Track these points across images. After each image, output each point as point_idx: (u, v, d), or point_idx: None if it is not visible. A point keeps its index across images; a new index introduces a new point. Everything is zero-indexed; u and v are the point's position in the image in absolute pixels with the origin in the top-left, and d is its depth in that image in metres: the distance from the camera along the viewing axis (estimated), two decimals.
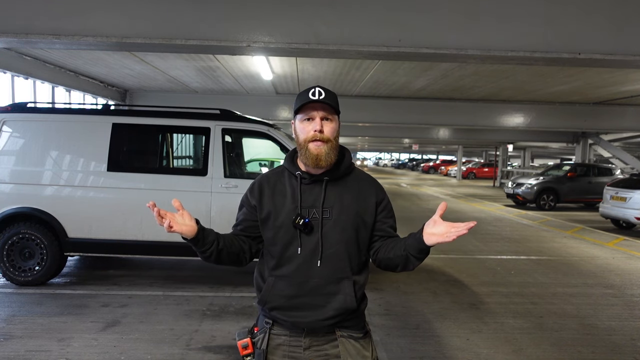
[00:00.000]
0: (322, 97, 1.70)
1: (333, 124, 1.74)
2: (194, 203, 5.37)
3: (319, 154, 1.70)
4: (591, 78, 10.28)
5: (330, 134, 1.72)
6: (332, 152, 1.72)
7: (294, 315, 1.73)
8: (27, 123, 5.51)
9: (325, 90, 1.73)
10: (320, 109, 1.72)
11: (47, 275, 5.39)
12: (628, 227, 11.17)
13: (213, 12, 4.62)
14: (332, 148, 1.72)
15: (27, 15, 4.56)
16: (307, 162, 1.72)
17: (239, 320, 4.51)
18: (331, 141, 1.72)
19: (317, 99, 1.70)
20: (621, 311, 5.13)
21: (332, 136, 1.73)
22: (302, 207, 1.73)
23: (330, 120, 1.73)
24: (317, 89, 1.73)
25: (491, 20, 4.73)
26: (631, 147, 24.02)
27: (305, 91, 1.74)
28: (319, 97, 1.70)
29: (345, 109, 13.02)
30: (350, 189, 1.79)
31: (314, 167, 1.72)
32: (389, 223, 1.84)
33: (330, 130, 1.73)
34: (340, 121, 1.80)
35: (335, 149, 1.73)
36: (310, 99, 1.70)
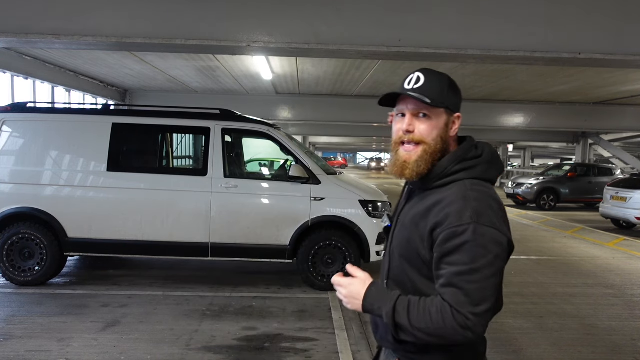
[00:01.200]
0: (417, 85, 1.33)
1: (431, 121, 1.34)
2: (194, 203, 5.37)
3: (406, 161, 1.35)
4: (591, 78, 10.28)
5: (425, 133, 1.33)
6: (424, 160, 1.33)
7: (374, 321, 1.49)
8: (27, 123, 5.51)
9: (427, 74, 1.35)
10: (411, 101, 1.34)
11: (47, 275, 5.39)
12: (628, 227, 11.16)
13: (213, 12, 4.62)
14: (426, 154, 1.33)
15: (27, 15, 4.56)
16: (391, 169, 1.40)
17: (239, 320, 4.51)
18: (425, 144, 1.33)
19: (409, 89, 1.34)
20: (621, 311, 5.13)
21: (429, 137, 1.33)
22: (395, 213, 1.51)
23: (427, 117, 1.34)
24: (416, 74, 1.35)
25: (491, 20, 4.73)
26: (631, 147, 24.01)
27: (406, 77, 1.39)
28: (414, 85, 1.34)
29: (345, 109, 12.98)
30: (423, 204, 1.35)
31: (399, 177, 1.38)
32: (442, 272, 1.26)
33: (425, 128, 1.34)
34: (452, 114, 1.37)
35: (431, 156, 1.33)
36: (401, 90, 1.36)
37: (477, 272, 1.21)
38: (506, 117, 14.62)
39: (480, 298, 1.21)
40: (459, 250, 1.22)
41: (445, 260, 1.25)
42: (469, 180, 1.32)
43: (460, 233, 1.22)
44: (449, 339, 1.24)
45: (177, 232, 5.36)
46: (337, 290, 1.39)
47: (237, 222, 5.38)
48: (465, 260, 1.22)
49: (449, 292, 1.23)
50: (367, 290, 1.33)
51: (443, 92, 1.34)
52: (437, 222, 1.27)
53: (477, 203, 1.26)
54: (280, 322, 4.50)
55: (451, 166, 1.33)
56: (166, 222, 5.36)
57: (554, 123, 14.82)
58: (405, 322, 1.25)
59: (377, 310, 1.31)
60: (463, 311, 1.20)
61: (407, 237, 1.36)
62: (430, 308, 1.24)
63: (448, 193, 1.30)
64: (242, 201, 5.44)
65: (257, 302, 5.05)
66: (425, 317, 1.24)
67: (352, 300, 1.35)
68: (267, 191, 5.62)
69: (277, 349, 3.90)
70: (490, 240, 1.24)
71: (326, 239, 5.39)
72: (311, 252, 5.39)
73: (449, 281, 1.23)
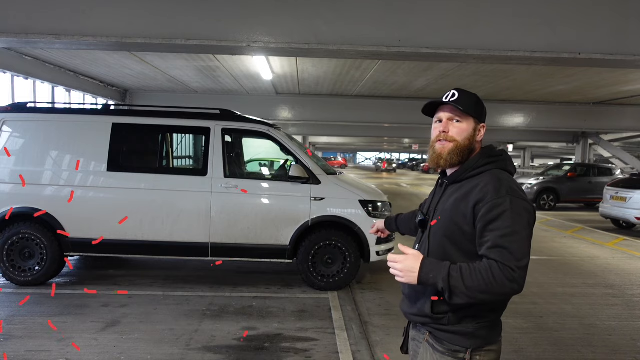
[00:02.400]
0: (453, 99, 1.70)
1: (462, 125, 1.71)
2: (194, 203, 5.37)
3: (440, 153, 1.71)
4: (591, 78, 10.28)
5: (457, 134, 1.70)
6: (455, 153, 1.69)
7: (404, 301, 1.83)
8: (27, 123, 5.51)
9: (460, 92, 1.72)
10: (448, 110, 1.72)
11: (47, 275, 5.39)
12: (628, 227, 11.16)
13: (213, 12, 4.62)
14: (456, 148, 1.69)
15: (27, 15, 4.56)
16: (429, 161, 1.78)
17: (239, 320, 4.51)
18: (457, 142, 1.69)
19: (446, 101, 1.70)
20: (621, 311, 5.13)
21: (460, 137, 1.70)
22: (430, 207, 1.80)
23: (459, 122, 1.71)
24: (452, 92, 1.73)
25: (491, 20, 4.73)
26: (631, 147, 24.01)
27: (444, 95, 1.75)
28: (450, 99, 1.70)
29: (345, 109, 12.98)
30: (461, 191, 1.68)
31: (435, 166, 1.75)
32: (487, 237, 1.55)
33: (457, 131, 1.70)
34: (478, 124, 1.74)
35: (461, 151, 1.69)
36: (440, 101, 1.73)
37: (517, 234, 1.52)
38: (506, 117, 14.62)
39: (522, 254, 1.52)
40: (500, 218, 1.53)
41: (489, 228, 1.53)
42: (496, 170, 1.67)
43: (500, 204, 1.54)
44: (499, 293, 1.50)
45: (177, 232, 5.36)
46: (392, 267, 1.58)
47: (237, 222, 5.38)
48: (507, 224, 1.52)
49: (495, 251, 1.50)
50: (422, 262, 1.54)
51: (472, 105, 1.71)
52: (478, 199, 1.58)
53: (508, 182, 1.61)
54: (280, 322, 4.50)
55: (482, 160, 1.69)
56: (166, 222, 5.36)
57: (554, 123, 14.82)
58: (459, 283, 1.49)
59: (432, 279, 1.52)
60: (510, 264, 1.48)
61: (450, 218, 1.64)
62: (480, 268, 1.49)
63: (482, 178, 1.63)
64: (242, 201, 5.44)
65: (257, 302, 5.05)
66: (477, 276, 1.48)
67: (408, 273, 1.54)
68: (267, 191, 5.62)
69: (277, 349, 3.90)
70: (523, 208, 1.56)
71: (326, 239, 5.40)
72: (311, 252, 5.39)
73: (495, 243, 1.51)
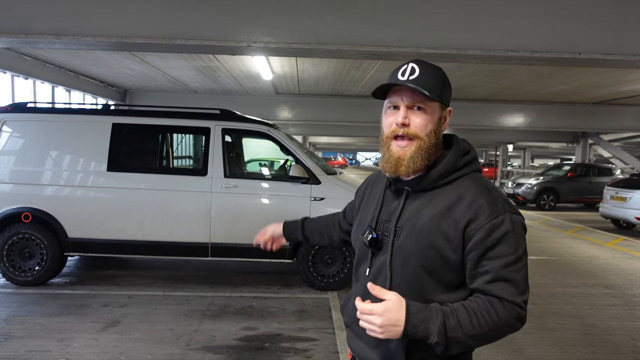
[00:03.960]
0: (413, 76, 1.25)
1: (426, 115, 1.27)
2: (194, 203, 5.37)
3: (400, 158, 1.27)
4: (591, 78, 10.28)
5: (420, 128, 1.26)
6: (419, 156, 1.26)
7: (355, 342, 1.41)
8: (27, 123, 5.51)
9: (421, 66, 1.28)
10: (407, 93, 1.27)
11: (47, 275, 5.39)
12: (628, 227, 11.16)
13: (213, 12, 4.62)
14: (419, 149, 1.26)
15: (27, 15, 4.56)
16: (385, 166, 1.31)
17: (239, 320, 4.51)
18: (420, 139, 1.27)
19: (404, 80, 1.26)
20: (621, 311, 5.13)
21: (424, 132, 1.26)
22: (378, 220, 1.36)
23: (422, 110, 1.27)
24: (410, 65, 1.28)
25: (491, 20, 4.73)
26: (631, 147, 24.00)
27: (398, 68, 1.30)
28: (409, 76, 1.26)
29: (345, 109, 12.98)
30: (436, 204, 1.27)
31: (393, 174, 1.31)
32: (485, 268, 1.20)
33: (420, 123, 1.26)
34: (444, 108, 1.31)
35: (425, 151, 1.27)
36: (395, 80, 1.27)
37: (520, 260, 1.23)
38: (506, 117, 14.61)
39: (526, 285, 1.24)
40: (501, 242, 1.20)
41: (488, 256, 1.20)
42: (474, 173, 1.31)
43: (500, 224, 1.21)
44: (502, 335, 1.22)
45: (177, 232, 5.36)
46: (367, 320, 1.16)
47: (237, 222, 5.38)
48: (509, 250, 1.21)
49: (498, 286, 1.20)
50: (407, 312, 1.15)
51: (439, 85, 1.28)
52: (470, 219, 1.21)
53: (498, 193, 1.27)
54: (280, 322, 4.50)
55: (458, 162, 1.30)
56: (166, 222, 5.36)
57: (554, 123, 14.81)
58: (458, 333, 1.16)
59: (421, 332, 1.16)
60: (517, 300, 1.20)
61: (429, 243, 1.24)
62: (479, 309, 1.19)
63: (465, 188, 1.26)
64: (242, 201, 5.44)
65: (257, 302, 5.05)
66: (480, 321, 1.17)
67: (391, 328, 1.15)
68: (267, 191, 5.62)
69: (277, 349, 3.90)
70: (521, 226, 1.26)
71: None
72: (311, 252, 5.39)
73: (497, 275, 1.20)
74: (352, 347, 1.44)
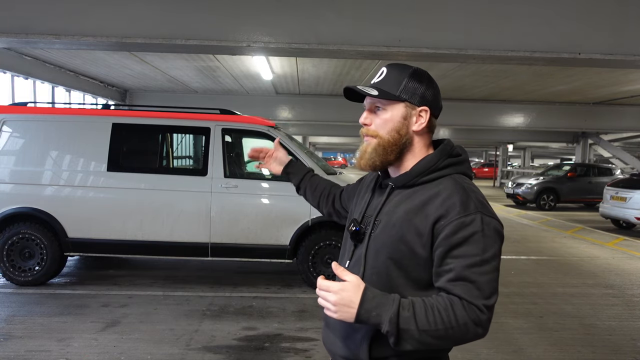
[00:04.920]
0: (379, 79, 1.35)
1: (385, 115, 1.33)
2: (194, 203, 5.38)
3: (363, 152, 1.37)
4: (591, 78, 10.28)
5: (379, 127, 1.34)
6: (376, 153, 1.34)
7: (327, 335, 1.43)
8: (27, 123, 5.51)
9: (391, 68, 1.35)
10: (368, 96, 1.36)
11: (47, 275, 5.39)
12: (628, 227, 11.17)
13: (213, 12, 4.62)
14: (378, 146, 1.33)
15: (27, 15, 4.56)
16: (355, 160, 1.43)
17: (239, 320, 4.51)
18: (379, 137, 1.33)
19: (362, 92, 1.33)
20: (621, 311, 5.13)
21: (383, 130, 1.33)
22: (365, 214, 1.41)
23: (383, 110, 1.34)
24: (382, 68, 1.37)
25: (491, 20, 4.73)
26: (631, 147, 24.01)
27: None
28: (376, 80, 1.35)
29: (345, 109, 12.93)
30: (413, 200, 1.30)
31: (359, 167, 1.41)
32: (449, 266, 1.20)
33: (379, 123, 1.34)
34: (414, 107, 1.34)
35: (385, 148, 1.33)
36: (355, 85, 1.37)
37: (487, 263, 1.18)
38: (506, 117, 14.62)
39: (491, 290, 1.19)
40: (468, 241, 1.18)
41: (453, 254, 1.19)
42: (457, 175, 1.32)
43: (469, 223, 1.19)
44: (459, 339, 1.18)
45: (177, 232, 5.36)
46: (323, 297, 1.18)
47: (237, 222, 5.38)
48: (475, 251, 1.18)
49: (459, 285, 1.17)
50: (363, 295, 1.16)
51: (400, 85, 1.32)
52: (440, 215, 1.21)
53: (475, 194, 1.26)
54: (280, 322, 4.50)
55: (440, 161, 1.32)
56: (166, 222, 5.36)
57: (554, 123, 14.82)
58: (411, 326, 1.14)
59: (374, 318, 1.15)
60: (477, 303, 1.16)
61: (400, 236, 1.26)
62: (438, 306, 1.16)
63: (443, 186, 1.27)
64: (242, 201, 5.44)
65: (257, 302, 5.05)
66: (435, 317, 1.15)
67: (344, 308, 1.16)
68: (267, 191, 5.62)
69: (277, 349, 3.90)
70: (494, 230, 1.22)
71: (326, 239, 5.39)
72: (311, 252, 5.39)
73: (459, 274, 1.17)
74: (324, 340, 1.45)
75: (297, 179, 1.90)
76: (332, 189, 1.84)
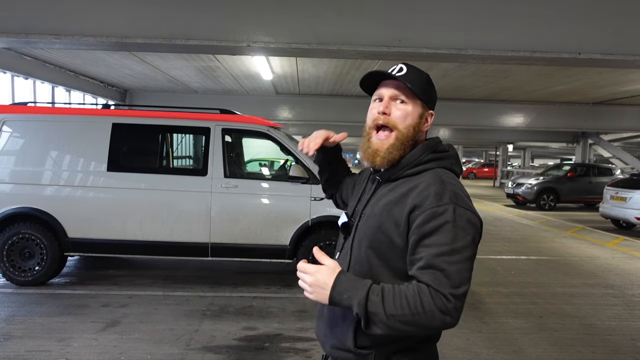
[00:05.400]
0: (400, 73, 1.35)
1: (407, 107, 1.35)
2: (194, 203, 5.37)
3: (378, 150, 1.36)
4: (591, 78, 10.28)
5: (400, 120, 1.35)
6: (395, 148, 1.35)
7: (319, 326, 1.50)
8: (27, 123, 5.51)
9: (410, 67, 1.38)
10: (392, 86, 1.37)
11: (47, 275, 5.39)
12: (628, 227, 11.16)
13: (213, 12, 4.62)
14: (397, 139, 1.34)
15: (27, 15, 4.56)
16: (363, 156, 1.40)
17: (239, 320, 4.51)
18: (398, 131, 1.35)
19: (393, 75, 1.36)
20: (621, 311, 5.13)
21: (403, 123, 1.35)
22: (355, 207, 1.46)
23: (404, 103, 1.36)
24: (400, 65, 1.39)
25: (491, 20, 4.73)
26: (631, 147, 24.02)
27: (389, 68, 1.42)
28: (397, 73, 1.36)
29: (345, 109, 12.99)
30: (395, 192, 1.34)
31: (371, 164, 1.40)
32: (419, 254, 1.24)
33: (400, 114, 1.35)
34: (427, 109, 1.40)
35: (403, 143, 1.35)
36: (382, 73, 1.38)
37: (457, 253, 1.21)
38: (506, 117, 14.62)
39: (460, 280, 1.20)
40: (438, 231, 1.22)
41: (424, 243, 1.23)
42: (440, 169, 1.35)
43: (441, 213, 1.22)
44: (426, 326, 1.20)
45: (177, 232, 5.36)
46: (301, 278, 1.27)
47: (237, 222, 5.38)
48: (445, 240, 1.21)
49: (427, 273, 1.20)
50: (337, 278, 1.23)
51: (422, 85, 1.37)
52: (415, 205, 1.26)
53: (453, 187, 1.29)
54: (280, 322, 4.50)
55: (424, 155, 1.36)
56: (166, 222, 5.36)
57: (554, 123, 14.82)
58: (379, 309, 1.18)
59: (345, 300, 1.21)
60: (444, 291, 1.18)
61: (378, 225, 1.31)
62: (407, 292, 1.20)
63: (423, 179, 1.32)
64: (242, 201, 5.44)
65: (257, 302, 5.05)
66: (402, 302, 1.18)
67: (318, 289, 1.24)
68: (267, 191, 5.62)
69: (277, 349, 3.90)
70: (468, 221, 1.25)
71: (326, 239, 5.39)
72: (311, 252, 5.38)
73: (428, 263, 1.20)
74: (317, 332, 1.51)
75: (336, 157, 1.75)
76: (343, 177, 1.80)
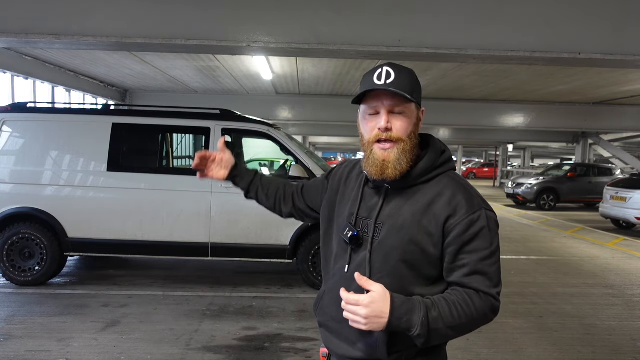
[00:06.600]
0: (389, 80, 1.28)
1: (406, 118, 1.31)
2: (194, 203, 5.37)
3: (385, 160, 1.29)
4: (591, 78, 10.28)
5: (402, 131, 1.30)
6: (403, 157, 1.30)
7: (331, 341, 1.43)
8: (27, 123, 5.51)
9: (396, 69, 1.30)
10: (387, 98, 1.29)
11: (47, 275, 5.39)
12: (628, 227, 11.17)
13: (213, 12, 4.62)
14: (403, 151, 1.30)
15: (27, 15, 4.55)
16: (370, 170, 1.33)
17: (239, 320, 4.51)
18: (403, 141, 1.30)
19: (383, 84, 1.28)
20: (621, 311, 5.13)
21: (405, 134, 1.30)
22: (357, 216, 1.39)
23: (402, 114, 1.31)
24: (385, 68, 1.30)
25: (491, 20, 4.73)
26: (631, 147, 24.00)
27: (371, 72, 1.32)
28: (386, 80, 1.28)
29: (345, 109, 12.94)
30: (416, 201, 1.31)
31: (379, 177, 1.32)
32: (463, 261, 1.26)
33: (401, 126, 1.30)
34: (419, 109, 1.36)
35: (408, 152, 1.31)
36: (374, 85, 1.29)
37: (494, 255, 1.28)
38: (506, 117, 14.61)
39: (499, 278, 1.30)
40: (477, 237, 1.26)
41: (466, 249, 1.26)
42: (450, 172, 1.37)
43: (476, 220, 1.27)
44: (477, 326, 1.28)
45: (177, 232, 5.36)
46: (352, 312, 1.18)
47: (237, 222, 5.38)
48: (485, 245, 1.27)
49: (475, 278, 1.26)
50: (392, 303, 1.18)
51: (413, 87, 1.32)
52: (449, 215, 1.27)
53: (474, 190, 1.34)
54: (280, 322, 4.50)
55: (437, 161, 1.36)
56: (166, 222, 5.36)
57: (554, 123, 14.81)
58: (440, 325, 1.21)
59: (404, 324, 1.18)
60: (492, 292, 1.26)
61: (410, 238, 1.28)
62: (459, 301, 1.24)
63: (443, 185, 1.32)
64: (242, 201, 5.41)
65: (257, 302, 5.05)
66: (459, 313, 1.23)
67: (375, 319, 1.17)
68: None
69: (277, 349, 3.90)
70: (495, 223, 1.32)
71: None
72: (311, 252, 5.39)
73: (474, 269, 1.26)
74: (329, 347, 1.45)
75: (245, 182, 1.82)
76: (287, 188, 1.80)
